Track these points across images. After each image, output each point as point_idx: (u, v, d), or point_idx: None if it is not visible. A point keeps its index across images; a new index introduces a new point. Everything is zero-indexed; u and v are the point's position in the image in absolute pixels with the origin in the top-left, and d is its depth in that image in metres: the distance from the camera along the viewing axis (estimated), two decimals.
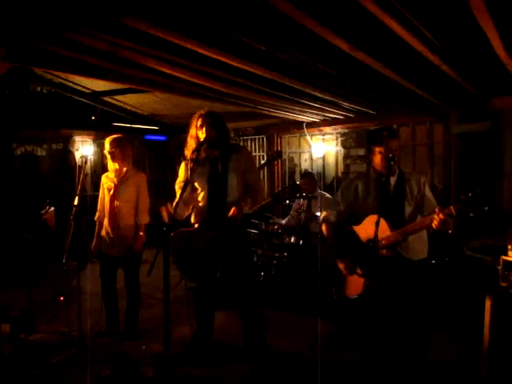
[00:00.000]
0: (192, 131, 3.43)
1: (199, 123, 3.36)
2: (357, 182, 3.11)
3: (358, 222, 3.01)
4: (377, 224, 2.65)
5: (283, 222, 6.07)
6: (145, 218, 4.13)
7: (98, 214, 4.22)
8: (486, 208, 2.35)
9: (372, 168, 3.03)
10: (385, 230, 2.80)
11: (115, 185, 4.08)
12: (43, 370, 3.38)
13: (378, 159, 2.93)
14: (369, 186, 3.03)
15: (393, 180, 2.96)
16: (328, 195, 6.18)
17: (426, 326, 2.99)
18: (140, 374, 3.30)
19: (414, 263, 2.91)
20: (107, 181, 4.18)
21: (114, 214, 4.05)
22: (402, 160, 3.09)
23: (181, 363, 3.50)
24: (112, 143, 4.05)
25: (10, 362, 3.48)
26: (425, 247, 2.98)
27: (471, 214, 2.42)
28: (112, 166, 4.12)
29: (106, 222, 4.13)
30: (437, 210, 2.59)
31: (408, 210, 2.89)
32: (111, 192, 4.08)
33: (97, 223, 4.23)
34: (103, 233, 4.14)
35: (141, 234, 4.08)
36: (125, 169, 4.11)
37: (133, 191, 4.09)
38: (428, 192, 2.96)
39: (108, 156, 4.08)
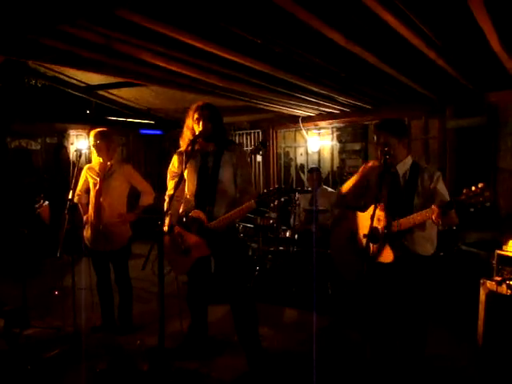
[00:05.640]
0: (188, 122, 3.38)
1: (196, 116, 3.31)
2: (374, 170, 3.04)
3: (365, 209, 2.99)
4: (373, 213, 2.65)
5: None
6: (147, 200, 4.16)
7: (77, 197, 4.09)
8: (488, 204, 2.28)
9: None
10: (380, 219, 2.78)
11: (100, 179, 4.01)
12: (37, 365, 3.38)
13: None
14: (380, 175, 2.96)
15: (401, 171, 2.93)
16: (331, 189, 6.21)
17: (426, 320, 2.99)
18: (135, 368, 3.30)
19: (421, 258, 2.85)
20: (91, 173, 4.10)
21: (98, 209, 4.00)
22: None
23: (176, 357, 3.50)
24: (96, 136, 4.00)
25: (4, 357, 3.47)
26: (432, 244, 2.91)
27: (471, 209, 2.35)
28: (96, 159, 4.08)
29: (90, 215, 4.06)
30: (433, 206, 2.55)
31: (417, 202, 2.82)
32: (96, 187, 4.02)
33: (78, 204, 4.15)
34: (87, 227, 4.09)
35: (136, 212, 4.11)
36: (109, 163, 4.06)
37: (121, 184, 4.06)
38: (441, 186, 2.85)
39: (93, 149, 4.05)
